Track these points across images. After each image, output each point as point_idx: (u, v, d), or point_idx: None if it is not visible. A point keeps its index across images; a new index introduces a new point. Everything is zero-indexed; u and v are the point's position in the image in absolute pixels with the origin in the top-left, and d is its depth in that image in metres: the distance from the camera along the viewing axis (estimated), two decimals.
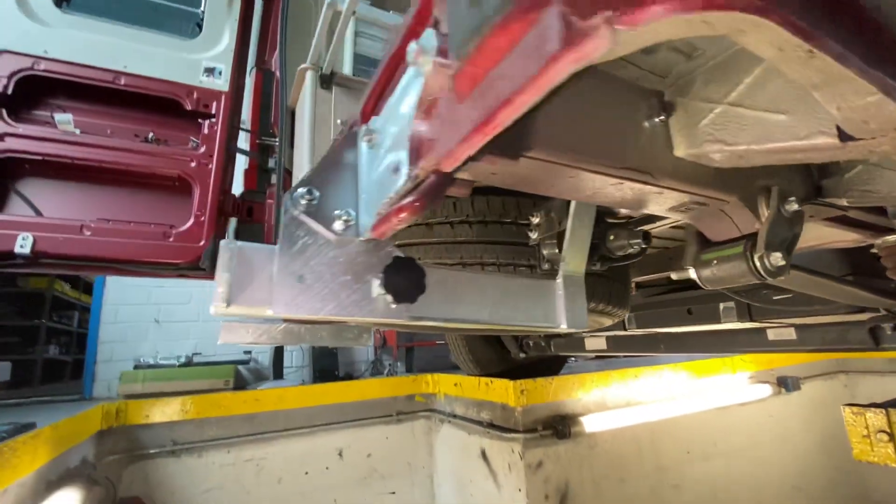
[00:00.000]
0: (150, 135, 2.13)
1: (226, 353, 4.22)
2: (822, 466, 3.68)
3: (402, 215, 0.50)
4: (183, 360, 3.88)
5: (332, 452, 2.87)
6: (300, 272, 0.58)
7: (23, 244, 1.76)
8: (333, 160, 0.64)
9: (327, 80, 2.23)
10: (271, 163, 2.46)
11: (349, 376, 4.55)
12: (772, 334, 1.59)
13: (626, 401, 2.73)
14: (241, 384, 4.11)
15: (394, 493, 3.01)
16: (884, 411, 1.01)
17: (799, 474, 3.52)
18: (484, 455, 2.63)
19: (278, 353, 4.08)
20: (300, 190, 0.58)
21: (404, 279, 0.55)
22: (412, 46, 0.45)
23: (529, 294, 0.78)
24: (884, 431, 1.00)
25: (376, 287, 0.60)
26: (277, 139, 2.47)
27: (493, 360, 2.83)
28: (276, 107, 2.60)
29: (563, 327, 0.78)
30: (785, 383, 3.49)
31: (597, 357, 4.09)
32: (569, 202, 0.84)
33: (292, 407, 2.79)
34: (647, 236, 0.86)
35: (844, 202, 0.88)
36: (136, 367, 3.72)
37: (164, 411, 2.48)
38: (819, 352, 1.43)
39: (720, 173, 0.70)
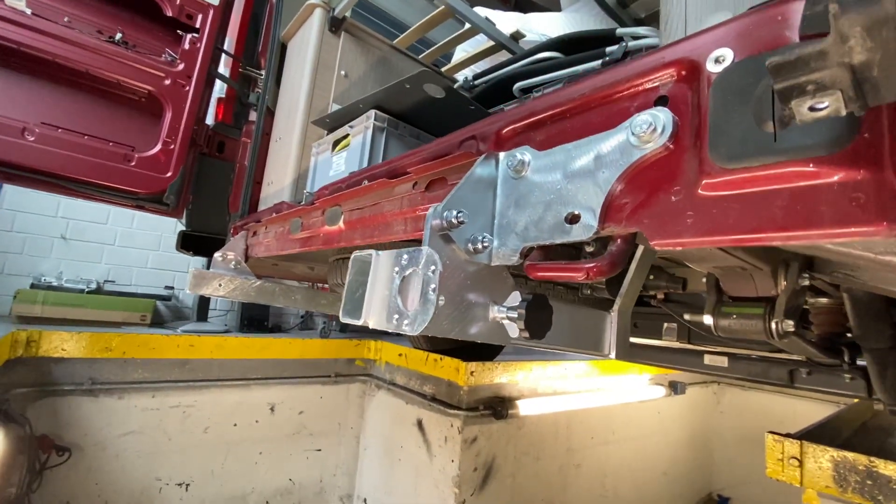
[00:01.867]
0: (118, 35, 1.83)
1: (143, 285, 3.85)
2: (685, 458, 4.37)
3: (577, 274, 0.52)
4: (93, 286, 3.47)
5: (264, 406, 2.80)
6: (434, 290, 0.58)
7: None
8: (470, 179, 0.63)
9: (337, 24, 2.06)
10: (252, 98, 2.23)
11: (278, 328, 4.41)
12: (707, 359, 1.85)
13: (554, 389, 3.00)
14: (158, 321, 3.81)
15: (320, 450, 3.05)
16: (799, 442, 1.26)
17: (668, 462, 4.15)
18: (420, 425, 2.75)
19: None
20: (453, 211, 0.57)
21: (539, 316, 0.58)
22: (643, 117, 0.47)
23: (586, 323, 0.84)
24: (795, 458, 1.25)
25: (495, 311, 0.62)
26: (264, 72, 2.25)
27: (445, 338, 2.91)
28: (266, 36, 2.36)
29: (612, 356, 0.86)
30: (675, 387, 4.06)
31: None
32: None
33: (229, 357, 2.66)
34: (685, 284, 0.96)
35: (827, 279, 1.05)
36: (33, 286, 3.26)
37: (84, 346, 2.23)
38: (743, 380, 1.70)
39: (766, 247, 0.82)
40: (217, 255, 1.69)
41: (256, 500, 2.79)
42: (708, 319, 0.99)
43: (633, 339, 2.20)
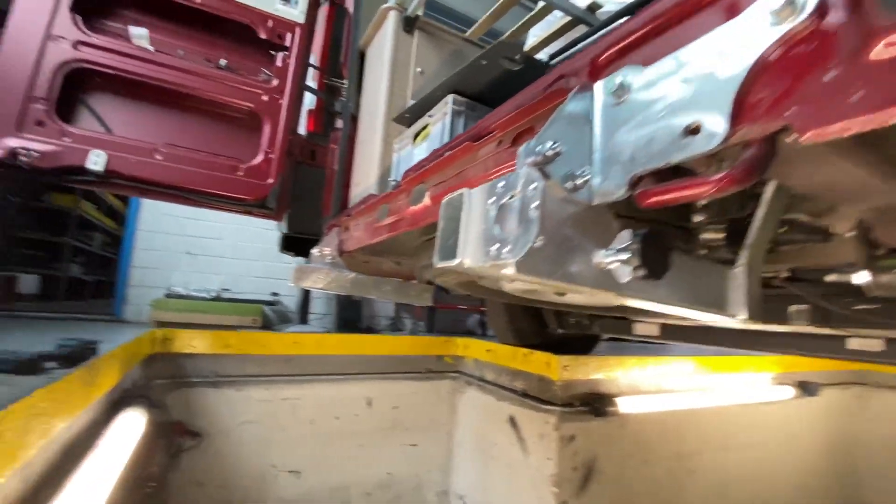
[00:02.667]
0: (223, 61, 2.04)
1: (253, 292, 4.26)
2: (824, 471, 3.76)
3: (703, 188, 0.45)
4: (213, 294, 3.92)
5: (362, 401, 2.93)
6: (537, 209, 0.53)
7: (96, 161, 1.72)
8: (561, 114, 0.58)
9: (410, 24, 2.11)
10: (337, 106, 2.37)
11: (370, 329, 4.61)
12: (854, 343, 1.57)
13: (658, 387, 2.76)
14: (266, 325, 4.17)
15: (415, 445, 3.10)
16: None
17: (801, 473, 3.60)
18: (513, 421, 2.68)
19: (305, 298, 4.11)
20: (547, 143, 0.53)
21: (656, 252, 0.51)
22: None
23: (707, 278, 0.74)
24: None
25: (601, 256, 0.56)
26: (346, 81, 2.36)
27: (531, 331, 2.83)
28: (347, 46, 2.48)
29: (741, 317, 0.74)
30: (806, 388, 3.52)
31: (611, 339, 4.11)
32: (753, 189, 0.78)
33: (329, 353, 2.83)
34: (827, 235, 0.81)
35: None
36: (167, 296, 3.76)
37: (208, 343, 2.51)
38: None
39: None
40: (314, 250, 1.79)
41: (358, 492, 2.92)
42: (861, 277, 0.83)
43: (751, 327, 1.95)
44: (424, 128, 1.66)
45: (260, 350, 2.63)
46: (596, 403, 2.42)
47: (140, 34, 1.87)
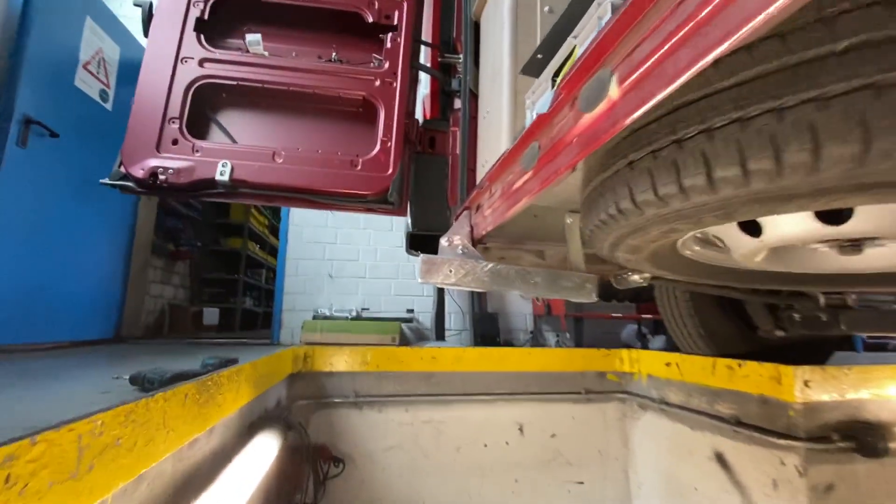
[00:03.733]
0: (334, 55, 1.90)
1: (390, 311, 4.21)
2: None
3: None
4: (354, 313, 3.94)
5: (513, 426, 2.50)
6: None
7: (223, 171, 1.65)
8: None
9: None
10: (454, 84, 2.08)
11: (509, 343, 4.19)
12: None
13: None
14: (404, 342, 4.05)
15: (582, 483, 2.54)
16: None
17: None
18: (721, 460, 1.97)
19: (440, 314, 3.89)
20: None
21: None
22: None
23: None
24: None
25: None
26: (461, 55, 2.05)
27: (732, 336, 2.11)
28: (459, 18, 2.19)
29: None
30: None
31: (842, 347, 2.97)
32: None
33: (470, 370, 2.49)
34: None
35: None
36: (314, 318, 3.88)
37: (346, 360, 2.38)
38: None
39: None
40: (442, 240, 1.47)
41: None
42: None
43: None
44: (570, 54, 1.23)
45: (397, 367, 2.41)
46: (866, 436, 1.60)
47: (254, 41, 1.83)
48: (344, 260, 4.24)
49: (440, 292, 3.99)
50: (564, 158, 0.80)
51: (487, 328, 3.94)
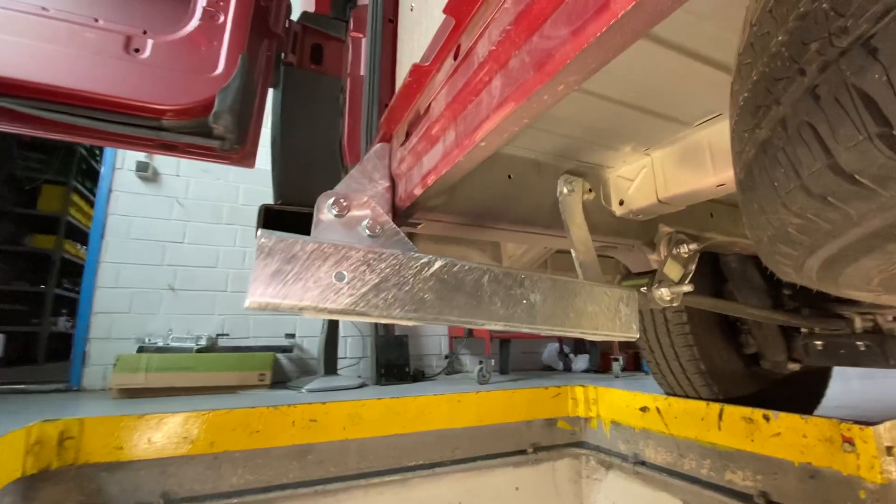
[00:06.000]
0: None
1: (263, 336, 3.12)
2: None
3: None
4: (203, 342, 2.79)
5: None
6: None
7: None
8: None
9: None
10: None
11: (421, 374, 3.38)
12: None
13: None
14: (281, 379, 3.01)
15: None
16: None
17: None
18: None
19: (331, 340, 2.93)
20: None
21: None
22: None
23: None
24: None
25: None
26: None
27: (739, 373, 1.56)
28: None
29: None
30: None
31: None
32: None
33: (370, 435, 1.62)
34: None
35: None
36: (140, 350, 2.66)
37: (152, 439, 1.35)
38: None
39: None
40: (324, 205, 0.61)
41: None
42: None
43: None
44: None
45: (249, 441, 1.45)
46: None
47: None
48: (194, 266, 3.06)
49: None
50: None
51: (394, 356, 3.07)
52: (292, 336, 3.17)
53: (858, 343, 1.38)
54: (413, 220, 0.75)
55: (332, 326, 2.99)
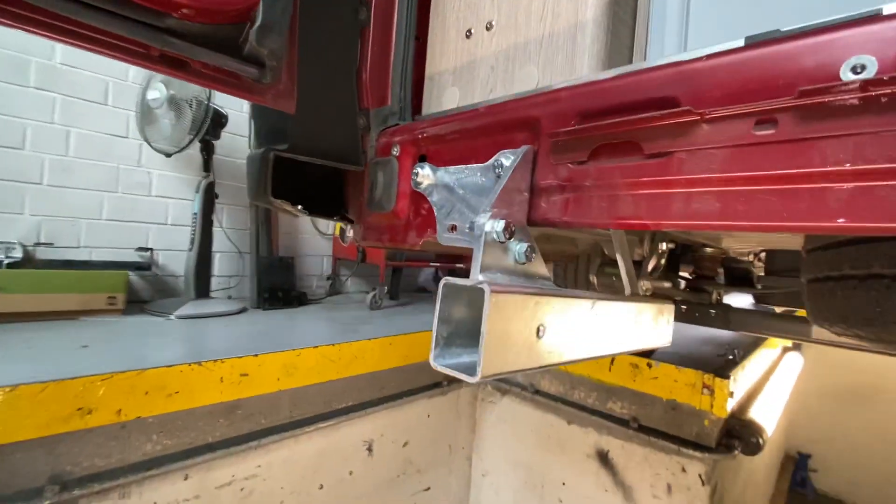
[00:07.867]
0: None
1: (98, 247, 2.48)
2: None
3: None
4: (18, 253, 2.08)
5: (360, 449, 1.73)
6: None
7: None
8: None
9: None
10: None
11: (305, 296, 3.21)
12: None
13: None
14: (134, 301, 2.51)
15: (428, 489, 2.06)
16: None
17: None
18: (604, 459, 1.80)
19: (204, 257, 2.50)
20: None
21: None
22: None
23: None
24: None
25: None
26: None
27: None
28: None
29: None
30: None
31: None
32: None
33: (304, 383, 1.52)
34: None
35: None
36: None
37: (31, 409, 1.01)
38: None
39: None
40: (492, 226, 0.51)
41: None
42: None
43: None
44: None
45: (166, 405, 1.21)
46: (748, 436, 1.64)
47: None
48: None
49: (204, 217, 2.53)
50: None
51: (280, 279, 2.82)
52: (147, 250, 2.59)
53: (711, 311, 1.82)
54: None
55: (205, 240, 2.54)
